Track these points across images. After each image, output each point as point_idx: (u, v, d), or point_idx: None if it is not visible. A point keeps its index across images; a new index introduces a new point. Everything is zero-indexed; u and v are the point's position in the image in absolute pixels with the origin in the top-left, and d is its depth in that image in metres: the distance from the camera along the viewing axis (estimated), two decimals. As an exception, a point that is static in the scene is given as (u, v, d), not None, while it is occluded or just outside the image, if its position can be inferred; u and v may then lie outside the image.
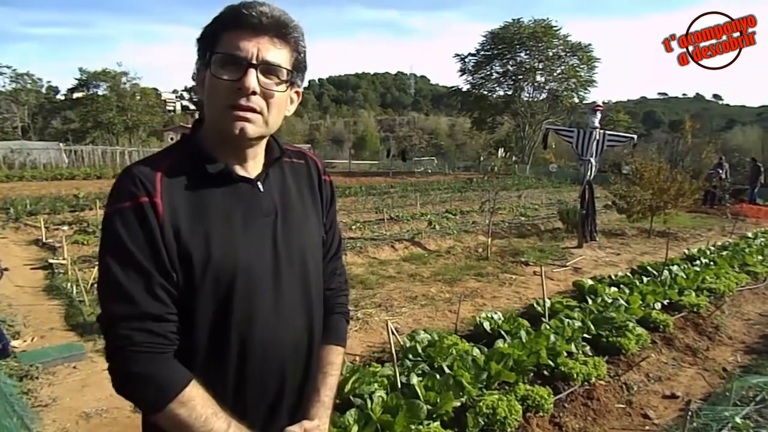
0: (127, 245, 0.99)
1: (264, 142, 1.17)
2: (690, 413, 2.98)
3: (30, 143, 32.82)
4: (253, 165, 1.16)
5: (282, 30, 1.07)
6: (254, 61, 1.04)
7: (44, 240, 8.68)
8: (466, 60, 42.90)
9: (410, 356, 3.87)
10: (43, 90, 50.32)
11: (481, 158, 37.22)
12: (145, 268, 1.00)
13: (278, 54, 1.07)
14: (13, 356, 4.11)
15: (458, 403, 3.22)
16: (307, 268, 1.20)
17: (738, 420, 3.13)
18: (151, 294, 1.00)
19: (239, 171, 1.13)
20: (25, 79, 46.70)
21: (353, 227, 10.90)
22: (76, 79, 46.96)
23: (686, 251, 8.41)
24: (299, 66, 1.13)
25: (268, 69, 1.06)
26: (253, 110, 1.06)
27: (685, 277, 6.40)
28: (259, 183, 1.14)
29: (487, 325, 4.61)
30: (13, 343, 4.37)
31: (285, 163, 1.24)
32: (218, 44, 1.05)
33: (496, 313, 4.87)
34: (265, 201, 1.14)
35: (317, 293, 1.25)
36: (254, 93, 1.04)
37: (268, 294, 1.11)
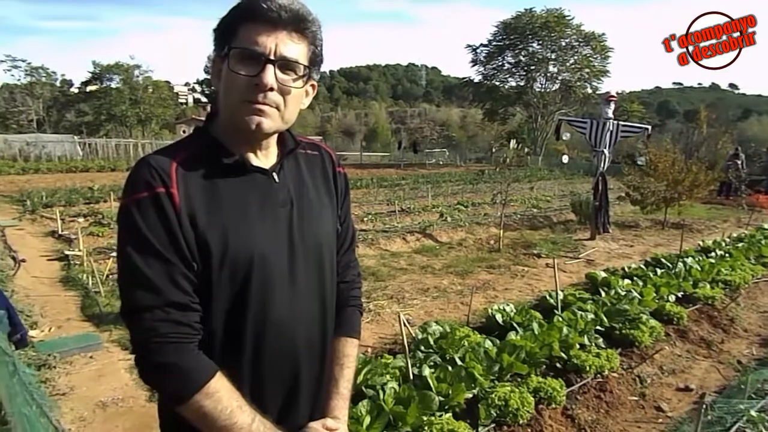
0: (147, 235, 0.99)
1: (277, 134, 1.17)
2: (704, 406, 2.95)
3: (45, 136, 33.15)
4: (268, 156, 1.16)
5: (301, 24, 1.06)
6: (272, 57, 1.03)
7: (60, 232, 8.79)
8: (478, 51, 42.59)
9: (422, 348, 3.88)
10: (58, 83, 50.63)
11: (493, 150, 37.02)
12: (167, 258, 1.00)
13: (296, 49, 1.07)
14: (31, 346, 4.17)
15: (470, 395, 3.23)
16: (322, 259, 1.20)
17: (753, 413, 3.10)
18: (174, 283, 1.00)
19: (254, 162, 1.13)
20: (40, 72, 47.06)
21: (365, 219, 10.91)
22: (89, 72, 47.26)
23: (701, 243, 8.33)
24: (316, 60, 1.13)
25: (285, 65, 1.05)
26: (270, 105, 1.05)
27: (699, 269, 6.34)
28: (274, 173, 1.14)
29: (499, 317, 4.60)
30: (31, 333, 4.44)
31: (300, 154, 1.23)
32: (235, 37, 1.04)
33: (508, 305, 4.86)
34: (280, 191, 1.14)
35: (331, 285, 1.25)
36: (271, 89, 1.04)
37: (283, 284, 1.11)
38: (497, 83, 42.89)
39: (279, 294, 1.11)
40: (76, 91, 50.32)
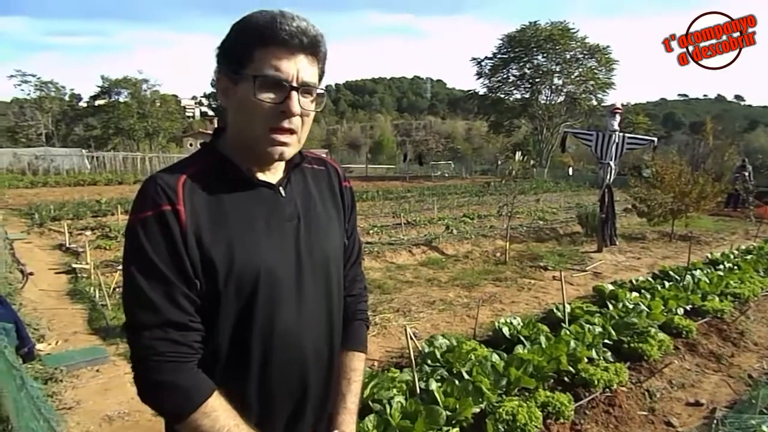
0: (150, 255, 1.00)
1: None
2: (715, 421, 2.93)
3: (53, 150, 33.51)
4: (275, 171, 1.17)
5: (316, 47, 1.08)
6: (295, 84, 1.05)
7: (68, 245, 8.84)
8: (483, 63, 42.79)
9: (429, 362, 3.86)
10: (66, 98, 51.21)
11: (499, 162, 37.05)
12: (168, 278, 1.00)
13: (313, 72, 1.09)
14: (38, 359, 4.18)
15: (477, 409, 3.20)
16: (329, 273, 1.21)
17: (765, 429, 3.06)
18: (174, 303, 1.01)
19: (261, 176, 1.14)
20: (49, 87, 47.69)
21: (371, 232, 10.92)
22: (98, 86, 47.93)
23: (709, 255, 8.28)
24: (322, 76, 1.15)
25: (305, 90, 1.07)
26: (292, 132, 1.08)
27: (708, 281, 6.29)
28: (281, 188, 1.15)
29: (506, 330, 4.58)
30: (39, 346, 4.46)
31: (306, 169, 1.24)
32: (252, 60, 1.04)
33: (515, 318, 4.84)
34: (287, 206, 1.15)
35: (338, 299, 1.25)
36: (295, 115, 1.06)
37: (290, 298, 1.12)
38: (502, 96, 43.02)
39: (286, 308, 1.11)
40: (85, 105, 50.87)
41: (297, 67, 1.05)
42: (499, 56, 41.99)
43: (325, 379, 1.22)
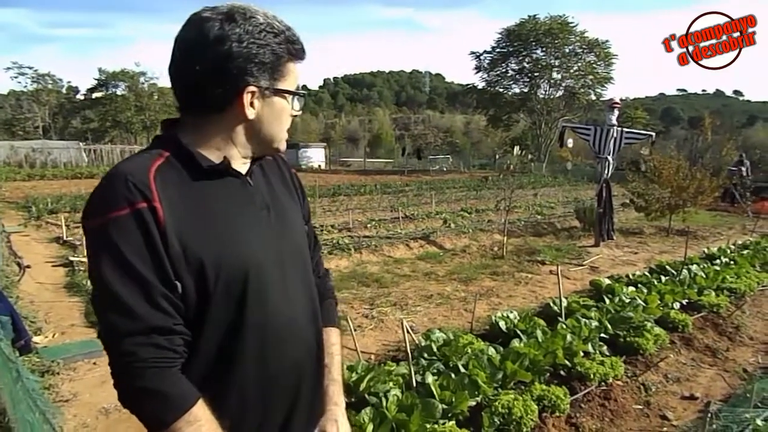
0: (127, 257, 0.94)
1: None
2: (709, 415, 2.93)
3: (51, 142, 33.40)
4: (242, 164, 1.15)
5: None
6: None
7: (65, 238, 8.82)
8: (482, 57, 42.74)
9: (425, 355, 3.87)
10: (64, 90, 51.06)
11: (497, 156, 37.02)
12: (148, 280, 0.95)
13: None
14: (35, 352, 4.18)
15: (473, 403, 3.21)
16: (304, 259, 1.24)
17: (759, 422, 3.07)
18: (156, 306, 0.96)
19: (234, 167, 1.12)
20: (46, 79, 47.47)
21: (368, 226, 10.92)
22: (95, 79, 47.68)
23: (706, 250, 8.29)
24: None
25: None
26: None
27: (704, 276, 6.31)
28: (248, 178, 1.14)
29: (502, 324, 4.59)
30: (35, 339, 4.45)
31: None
32: (285, 75, 1.11)
33: (511, 312, 4.85)
34: (256, 196, 1.15)
35: (313, 282, 1.28)
36: None
37: (278, 290, 1.11)
38: (501, 90, 43.00)
39: (275, 297, 1.11)
40: (82, 97, 50.65)
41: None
42: (498, 50, 41.93)
43: (316, 362, 1.24)
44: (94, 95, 48.64)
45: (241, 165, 1.14)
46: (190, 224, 1.00)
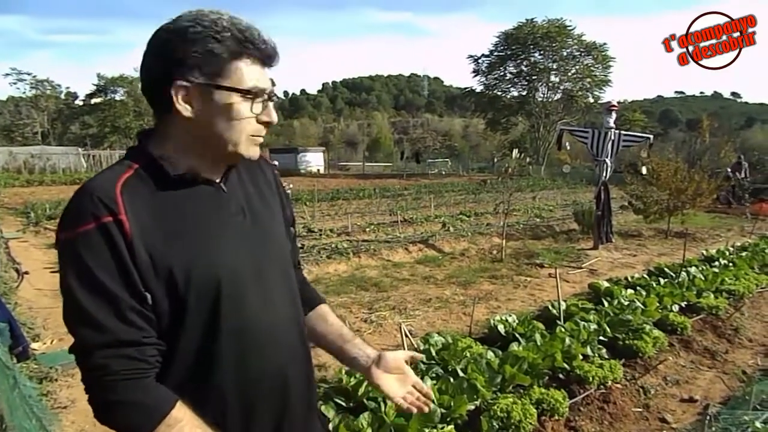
0: (94, 272, 0.94)
1: None
2: (708, 417, 2.94)
3: (50, 148, 33.40)
4: (214, 170, 1.13)
5: (277, 58, 1.11)
6: (270, 96, 1.09)
7: (63, 244, 8.80)
8: (480, 61, 42.89)
9: (424, 359, 3.87)
10: (62, 96, 50.93)
11: (496, 159, 37.09)
12: (116, 295, 0.95)
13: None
14: (32, 359, 4.16)
15: (472, 407, 3.21)
16: (284, 263, 1.22)
17: (758, 425, 3.07)
18: (125, 321, 0.96)
19: (204, 175, 1.11)
20: (45, 85, 47.43)
21: (367, 229, 10.93)
22: (94, 84, 47.62)
23: (704, 252, 8.30)
24: None
25: (272, 98, 1.11)
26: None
27: (703, 278, 6.31)
28: (222, 185, 1.13)
29: (501, 327, 4.58)
30: (33, 345, 4.44)
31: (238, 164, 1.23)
32: (231, 73, 1.03)
33: (510, 315, 4.85)
34: (232, 202, 1.13)
35: (295, 286, 1.27)
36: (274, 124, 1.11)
37: (255, 294, 1.10)
38: (499, 93, 43.13)
39: (253, 304, 1.10)
40: (81, 103, 50.63)
41: (269, 79, 1.08)
42: (496, 54, 42.09)
43: (302, 365, 1.22)
44: (93, 101, 48.60)
45: (214, 171, 1.12)
46: (157, 234, 1.00)
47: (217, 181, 1.12)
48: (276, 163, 1.42)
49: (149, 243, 0.98)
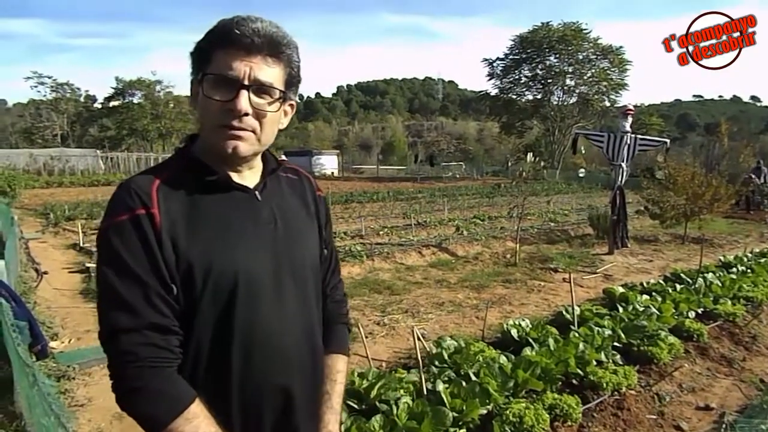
0: (125, 259, 0.99)
1: (259, 155, 1.18)
2: (725, 426, 2.90)
3: (69, 150, 33.99)
4: (251, 176, 1.17)
5: (275, 48, 1.07)
6: (246, 82, 1.04)
7: (82, 244, 8.96)
8: (495, 64, 42.73)
9: (436, 363, 3.87)
10: (82, 99, 51.80)
11: (510, 163, 36.90)
12: (145, 281, 1.00)
13: (271, 73, 1.07)
14: (51, 357, 4.24)
15: (484, 411, 3.20)
16: (306, 276, 1.21)
17: (776, 434, 3.03)
18: (153, 306, 1.00)
19: (237, 180, 1.14)
20: (65, 88, 48.34)
21: (380, 232, 10.94)
22: (112, 88, 48.43)
23: (722, 258, 8.18)
24: (292, 81, 1.14)
25: (260, 89, 1.07)
26: (246, 130, 1.07)
27: (720, 284, 6.22)
28: (256, 192, 1.15)
29: (514, 332, 4.56)
30: (52, 344, 4.52)
31: (281, 176, 1.25)
32: (210, 63, 1.06)
33: (523, 320, 4.83)
34: (263, 210, 1.15)
35: (317, 301, 1.26)
36: (246, 114, 1.05)
37: (269, 300, 1.12)
38: (514, 96, 42.92)
39: (266, 309, 1.11)
40: (99, 106, 51.41)
41: (250, 66, 1.04)
42: (511, 57, 41.92)
43: (309, 380, 1.22)
44: (111, 104, 49.39)
45: (247, 178, 1.16)
46: (184, 231, 1.04)
47: (252, 188, 1.15)
48: (322, 193, 1.38)
49: (175, 238, 1.03)
